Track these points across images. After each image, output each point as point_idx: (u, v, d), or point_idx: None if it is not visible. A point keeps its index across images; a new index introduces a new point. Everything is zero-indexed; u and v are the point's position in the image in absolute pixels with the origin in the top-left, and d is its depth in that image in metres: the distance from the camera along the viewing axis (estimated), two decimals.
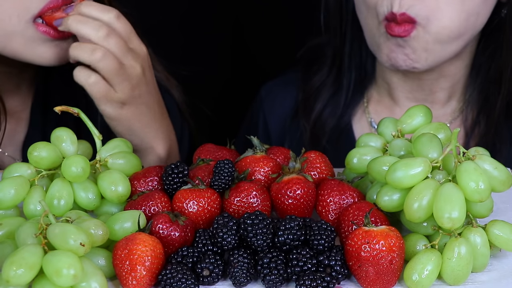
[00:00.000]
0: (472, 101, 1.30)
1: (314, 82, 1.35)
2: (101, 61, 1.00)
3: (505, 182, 0.84)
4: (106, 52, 1.00)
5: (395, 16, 1.15)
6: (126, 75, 1.02)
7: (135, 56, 1.03)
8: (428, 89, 1.29)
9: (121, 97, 1.03)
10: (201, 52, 1.76)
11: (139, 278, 0.79)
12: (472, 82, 1.29)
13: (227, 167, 0.89)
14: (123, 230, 0.84)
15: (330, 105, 1.34)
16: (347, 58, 1.33)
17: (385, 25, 1.18)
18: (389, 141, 0.93)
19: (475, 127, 1.29)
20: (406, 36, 1.16)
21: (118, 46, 1.00)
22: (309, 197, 0.89)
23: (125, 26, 1.02)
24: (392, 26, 1.16)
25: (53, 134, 0.93)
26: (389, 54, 1.19)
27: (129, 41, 1.03)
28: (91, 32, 1.00)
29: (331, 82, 1.34)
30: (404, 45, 1.17)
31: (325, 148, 1.32)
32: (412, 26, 1.16)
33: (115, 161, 0.93)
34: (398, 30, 1.16)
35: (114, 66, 1.00)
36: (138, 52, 1.04)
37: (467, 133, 1.29)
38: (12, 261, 0.73)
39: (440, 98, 1.30)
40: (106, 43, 1.00)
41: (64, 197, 0.88)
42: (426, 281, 0.80)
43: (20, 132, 1.20)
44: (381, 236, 0.79)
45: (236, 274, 0.80)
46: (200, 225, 0.87)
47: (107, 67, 1.00)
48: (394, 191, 0.85)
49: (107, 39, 1.00)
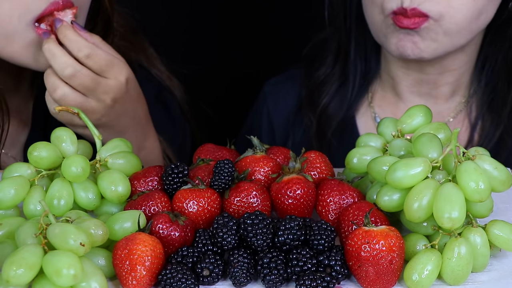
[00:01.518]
0: (477, 94, 1.30)
1: (318, 76, 1.36)
2: (61, 99, 1.01)
3: (505, 182, 0.84)
4: (65, 93, 1.00)
5: (405, 11, 1.16)
6: (91, 108, 1.02)
7: (106, 89, 1.03)
8: (432, 83, 1.29)
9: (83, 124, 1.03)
10: (202, 52, 1.76)
11: (139, 278, 0.79)
12: (477, 76, 1.30)
13: (227, 167, 0.89)
14: (123, 230, 0.84)
15: (336, 99, 1.35)
16: (352, 52, 1.33)
17: (392, 18, 1.18)
18: (389, 141, 0.93)
19: (479, 120, 1.29)
20: (416, 28, 1.17)
21: (83, 85, 1.01)
22: (309, 197, 0.89)
23: (99, 60, 1.02)
24: (401, 19, 1.17)
25: (53, 134, 0.93)
26: (398, 43, 1.20)
27: (102, 72, 1.02)
28: (57, 68, 1.00)
29: (337, 76, 1.35)
30: (413, 34, 1.18)
31: (330, 142, 1.32)
32: (423, 19, 1.17)
33: (115, 161, 0.93)
34: (407, 23, 1.17)
35: (76, 102, 1.01)
36: (110, 85, 1.03)
37: (472, 126, 1.30)
38: (12, 261, 0.73)
39: (444, 93, 1.30)
40: (70, 81, 1.00)
41: (64, 197, 0.88)
42: (426, 281, 0.80)
43: (22, 133, 1.20)
44: (381, 236, 0.79)
45: (236, 274, 0.80)
46: (200, 225, 0.87)
47: (68, 103, 1.01)
48: (394, 191, 0.84)
49: (71, 78, 1.00)
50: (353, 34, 1.32)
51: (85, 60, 1.01)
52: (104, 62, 1.02)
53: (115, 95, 1.04)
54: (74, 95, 1.01)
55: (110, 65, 1.03)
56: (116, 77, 1.03)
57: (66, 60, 1.00)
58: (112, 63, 1.03)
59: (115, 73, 1.03)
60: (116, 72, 1.03)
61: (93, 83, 1.01)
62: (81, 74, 1.00)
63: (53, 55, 1.00)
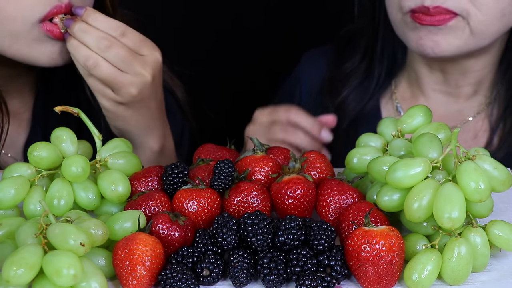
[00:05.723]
0: (499, 97, 1.30)
1: (345, 68, 1.36)
2: (93, 70, 1.00)
3: (505, 182, 0.84)
4: (98, 61, 1.00)
5: (427, 9, 1.16)
6: (128, 82, 1.02)
7: (144, 64, 1.03)
8: (454, 83, 1.29)
9: (120, 99, 1.03)
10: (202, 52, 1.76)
11: (139, 278, 0.79)
12: (500, 78, 1.29)
13: (227, 167, 0.89)
14: (123, 230, 0.84)
15: (357, 91, 1.35)
16: (379, 49, 1.34)
17: (411, 16, 1.18)
18: (389, 141, 0.93)
19: (501, 123, 1.29)
20: (441, 25, 1.17)
21: (119, 56, 1.00)
22: (309, 197, 0.89)
23: (133, 37, 1.02)
24: (422, 16, 1.17)
25: (53, 134, 0.93)
26: (418, 41, 1.20)
27: (139, 49, 1.02)
28: (92, 42, 1.00)
29: (362, 71, 1.35)
30: (436, 32, 1.18)
31: (347, 132, 1.32)
32: (450, 17, 1.16)
33: (115, 161, 0.93)
34: (431, 20, 1.16)
35: (110, 74, 1.01)
36: (148, 60, 1.03)
37: (492, 129, 1.29)
38: (12, 261, 0.73)
39: (465, 92, 1.30)
40: (105, 54, 1.00)
41: (64, 197, 0.88)
42: (426, 281, 0.80)
43: (22, 134, 1.20)
44: (381, 236, 0.79)
45: (236, 274, 0.80)
46: (200, 225, 0.87)
47: (101, 75, 1.01)
48: (394, 191, 0.84)
49: (107, 50, 1.00)
50: (381, 31, 1.32)
51: (120, 38, 1.00)
52: (138, 38, 1.02)
53: (153, 70, 1.04)
54: (108, 64, 1.00)
55: (144, 42, 1.03)
56: (152, 53, 1.04)
57: (100, 33, 1.00)
58: (146, 40, 1.03)
59: (150, 49, 1.04)
60: (151, 49, 1.04)
61: (130, 55, 1.01)
62: (117, 45, 1.00)
63: (86, 32, 1.00)
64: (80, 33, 1.00)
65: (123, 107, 1.05)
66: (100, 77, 1.01)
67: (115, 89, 1.02)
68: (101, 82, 1.01)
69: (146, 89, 1.04)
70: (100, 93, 1.03)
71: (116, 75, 1.01)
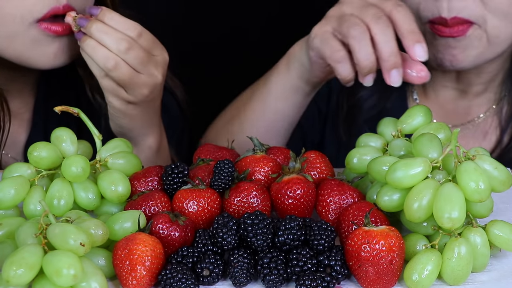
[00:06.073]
0: (509, 94, 1.29)
1: None
2: (113, 71, 1.00)
3: (505, 182, 0.84)
4: (119, 63, 1.00)
5: (445, 21, 1.15)
6: (142, 83, 1.02)
7: (156, 64, 1.03)
8: (466, 82, 1.29)
9: (132, 99, 1.03)
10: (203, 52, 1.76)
11: (139, 278, 0.79)
12: (510, 76, 1.29)
13: (227, 167, 0.89)
14: (123, 230, 0.84)
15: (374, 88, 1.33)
16: None
17: (430, 27, 1.17)
18: (389, 141, 0.93)
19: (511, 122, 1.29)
20: (460, 36, 1.16)
21: (138, 58, 1.00)
22: (309, 197, 0.89)
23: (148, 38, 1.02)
24: (441, 28, 1.16)
25: (53, 134, 0.93)
26: (436, 54, 1.19)
27: (152, 50, 1.03)
28: (112, 43, 0.99)
29: None
30: (454, 45, 1.17)
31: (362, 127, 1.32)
32: (468, 26, 1.15)
33: (115, 161, 0.94)
34: (450, 31, 1.15)
35: (128, 75, 1.01)
36: (159, 60, 1.04)
37: (503, 128, 1.29)
38: (12, 261, 0.73)
39: (476, 90, 1.30)
40: (125, 56, 1.00)
41: (64, 197, 0.88)
42: (426, 281, 0.80)
43: (22, 134, 1.20)
44: (381, 236, 0.79)
45: (236, 274, 0.80)
46: (200, 225, 0.87)
47: (120, 76, 1.00)
48: (394, 191, 0.84)
49: (127, 52, 1.00)
50: None
51: (137, 38, 1.01)
52: (152, 39, 1.03)
53: (163, 71, 1.04)
54: (127, 66, 1.00)
55: (156, 43, 1.04)
56: (162, 53, 1.04)
57: (119, 34, 1.00)
58: (157, 40, 1.04)
59: (160, 50, 1.04)
60: (161, 49, 1.04)
61: (147, 56, 1.01)
62: (136, 46, 1.00)
63: (105, 33, 0.99)
64: (98, 34, 1.00)
65: (132, 106, 1.05)
66: (118, 78, 1.00)
67: (129, 89, 1.02)
68: (116, 83, 1.01)
69: (156, 89, 1.05)
70: (112, 93, 1.03)
71: (133, 76, 1.01)
